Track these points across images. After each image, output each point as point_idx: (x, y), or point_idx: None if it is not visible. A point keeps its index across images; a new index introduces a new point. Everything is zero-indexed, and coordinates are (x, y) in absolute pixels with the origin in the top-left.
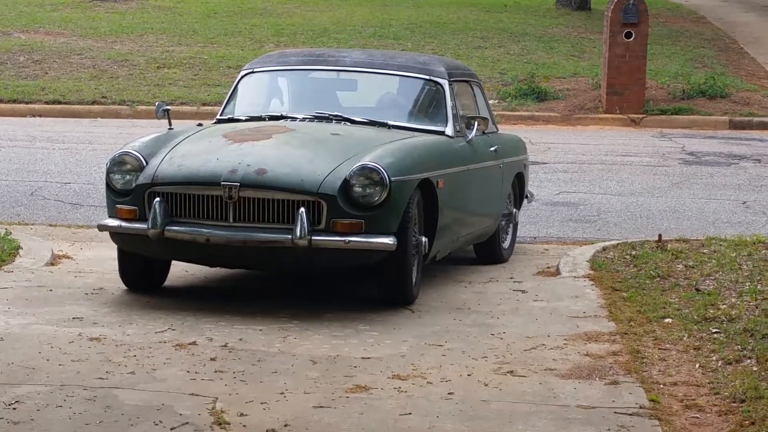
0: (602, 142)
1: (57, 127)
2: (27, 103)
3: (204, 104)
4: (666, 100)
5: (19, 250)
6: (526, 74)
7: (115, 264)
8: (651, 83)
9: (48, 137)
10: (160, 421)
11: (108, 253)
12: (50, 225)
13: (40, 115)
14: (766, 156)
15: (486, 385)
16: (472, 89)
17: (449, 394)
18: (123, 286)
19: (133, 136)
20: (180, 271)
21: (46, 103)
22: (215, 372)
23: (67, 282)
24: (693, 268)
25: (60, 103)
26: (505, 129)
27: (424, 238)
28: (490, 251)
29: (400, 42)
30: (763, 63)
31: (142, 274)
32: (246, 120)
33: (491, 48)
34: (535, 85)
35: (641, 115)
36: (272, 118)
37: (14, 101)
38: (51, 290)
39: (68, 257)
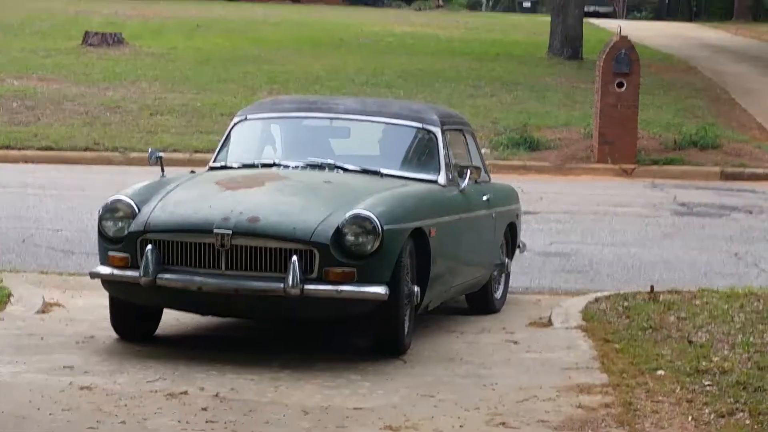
0: (594, 192)
1: (49, 173)
2: (19, 149)
3: (196, 151)
4: (658, 150)
5: (11, 298)
6: (518, 123)
7: (107, 312)
8: (643, 133)
9: (40, 184)
10: None
11: (99, 300)
12: (42, 272)
13: (33, 162)
14: (758, 207)
15: None
16: (465, 138)
17: None
18: (114, 335)
19: (125, 183)
20: (172, 320)
21: (39, 149)
22: (207, 422)
23: (59, 330)
24: (685, 319)
25: (52, 149)
26: (497, 178)
27: (416, 288)
28: (482, 301)
29: (393, 90)
30: (754, 114)
31: (134, 322)
32: (239, 167)
33: (483, 97)
34: (528, 135)
35: (633, 166)
36: (265, 165)
37: (7, 147)
38: (42, 338)
39: (59, 305)
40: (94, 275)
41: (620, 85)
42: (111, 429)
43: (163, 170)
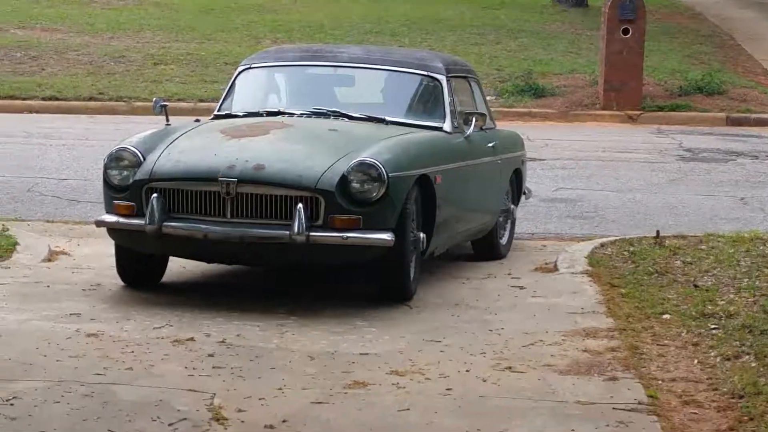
0: (600, 138)
1: (54, 123)
2: (23, 99)
3: (201, 100)
4: (663, 96)
5: (17, 246)
6: (523, 71)
7: (113, 260)
8: (648, 80)
9: (45, 133)
10: (158, 417)
11: (105, 249)
12: (47, 221)
13: (37, 112)
14: (764, 152)
15: (484, 381)
16: (470, 85)
17: (447, 390)
18: (120, 282)
19: (130, 132)
20: (177, 267)
21: (43, 99)
22: (213, 368)
23: (65, 278)
24: (691, 264)
25: (57, 99)
26: (502, 125)
27: (422, 234)
28: (488, 247)
29: (397, 38)
30: (760, 59)
31: (140, 270)
32: (243, 116)
33: (488, 44)
34: (533, 82)
35: (639, 112)
36: (270, 114)
37: (11, 97)
38: (48, 286)
39: (65, 253)
40: (99, 223)
41: (626, 31)
42: (118, 375)
43: (167, 119)
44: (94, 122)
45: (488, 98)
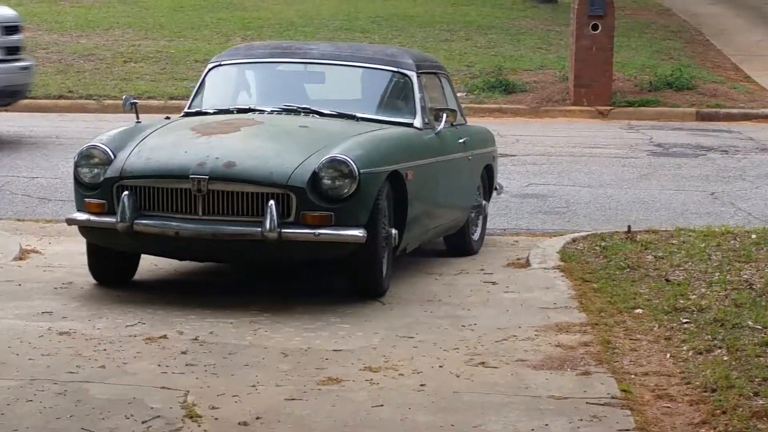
0: (570, 134)
1: (24, 121)
2: None
3: (171, 98)
4: (633, 92)
5: None
6: (493, 67)
7: (84, 258)
8: (618, 75)
9: (14, 132)
10: (132, 415)
11: (76, 247)
12: (18, 220)
13: (7, 110)
14: (734, 147)
15: (458, 376)
16: (440, 81)
17: (421, 385)
18: (92, 280)
19: (100, 130)
20: (149, 265)
21: None
22: (186, 365)
23: (36, 276)
24: (662, 258)
25: (26, 97)
26: (473, 121)
27: (394, 230)
28: (460, 243)
29: (368, 35)
30: (729, 55)
31: (112, 268)
32: (214, 113)
33: (458, 41)
34: (503, 78)
35: (609, 107)
36: (240, 111)
37: None
38: (19, 285)
39: (36, 252)
40: (71, 222)
41: (595, 27)
42: (90, 373)
43: (138, 116)
44: (63, 120)
45: (459, 95)
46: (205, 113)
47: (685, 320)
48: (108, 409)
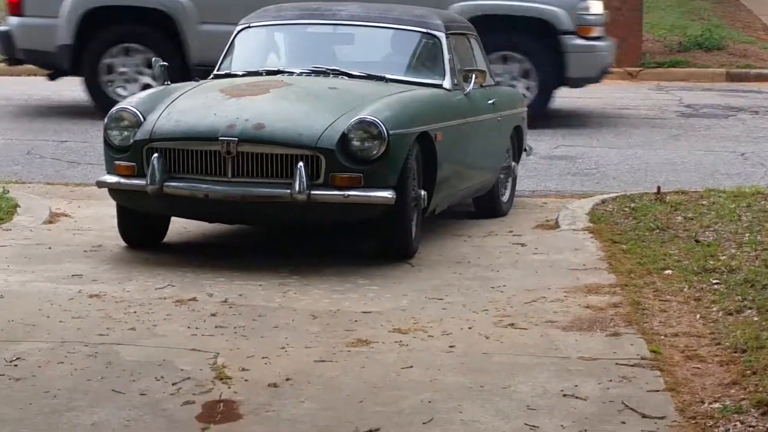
0: (599, 95)
1: (52, 86)
2: None
3: None
4: (663, 53)
5: (17, 209)
6: None
7: (114, 221)
8: (647, 36)
9: (43, 96)
10: (162, 377)
11: (106, 210)
12: (48, 183)
13: (35, 74)
14: (764, 107)
15: (487, 338)
16: (470, 42)
17: (450, 347)
18: (122, 243)
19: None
20: (179, 228)
21: None
22: (216, 327)
23: (66, 239)
24: (692, 219)
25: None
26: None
27: (423, 192)
28: (489, 204)
29: None
30: (759, 15)
31: (141, 231)
32: (243, 75)
33: None
34: None
35: (638, 68)
36: (269, 72)
37: None
38: (50, 248)
39: (66, 215)
40: (100, 184)
41: None
42: (121, 336)
43: (167, 79)
44: None
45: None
46: (234, 75)
47: (714, 281)
48: (138, 371)
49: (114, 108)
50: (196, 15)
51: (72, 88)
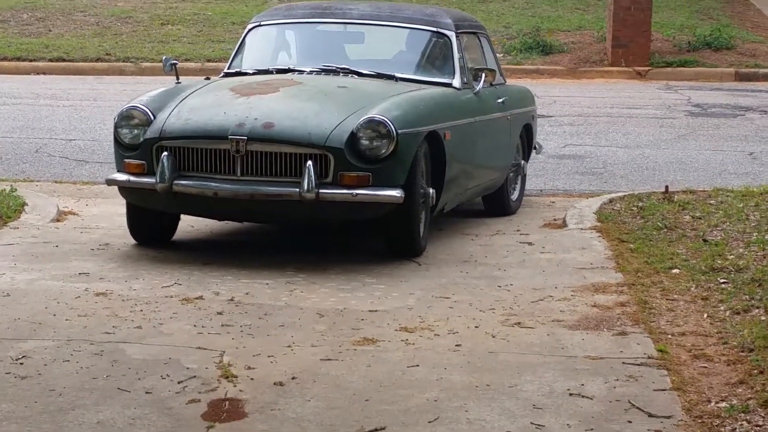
0: (608, 94)
1: (61, 84)
2: (31, 60)
3: (208, 60)
4: (671, 52)
5: (25, 207)
6: (530, 27)
7: (121, 220)
8: (656, 35)
9: (52, 94)
10: (168, 375)
11: (113, 209)
12: (55, 182)
13: (44, 73)
14: None
15: (493, 336)
16: (480, 41)
17: (457, 346)
18: (129, 242)
19: (137, 92)
20: (186, 227)
21: (50, 60)
22: (222, 326)
23: (73, 238)
24: (700, 219)
25: (64, 60)
26: (510, 83)
27: (431, 190)
28: (498, 203)
29: None
30: None
31: (151, 228)
32: (253, 73)
33: (496, 1)
34: (540, 39)
35: (647, 68)
36: (280, 71)
37: (18, 59)
38: (57, 246)
39: (74, 213)
40: (110, 182)
41: None
42: (127, 334)
43: (177, 77)
44: (101, 83)
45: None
46: (245, 73)
47: (722, 280)
48: (144, 369)
49: (124, 106)
50: None
51: (80, 87)
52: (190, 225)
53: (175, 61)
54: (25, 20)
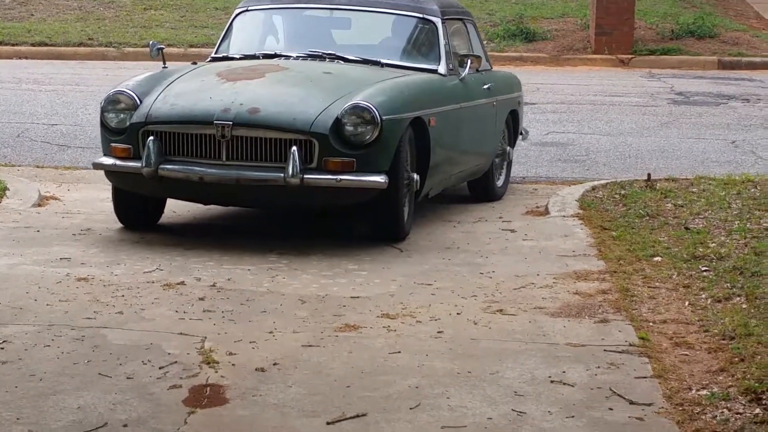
0: (591, 82)
1: (43, 69)
2: (13, 45)
3: (191, 46)
4: (655, 40)
5: (6, 191)
6: (514, 15)
7: (103, 205)
8: (640, 23)
9: (34, 79)
10: (149, 360)
11: (95, 194)
12: (37, 166)
13: (26, 57)
14: (755, 96)
15: (475, 323)
16: (466, 27)
17: (438, 332)
18: (111, 227)
19: (119, 78)
20: (168, 212)
21: (32, 45)
22: (204, 311)
23: (55, 223)
24: (682, 207)
25: (46, 45)
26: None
27: (416, 176)
28: (484, 189)
29: None
30: (751, 3)
31: (137, 212)
32: (240, 58)
33: None
34: (524, 26)
35: (630, 56)
36: (266, 56)
37: (0, 43)
38: (38, 231)
39: (55, 198)
40: (97, 166)
41: None
42: (108, 319)
43: (164, 62)
44: (83, 68)
45: None
46: (232, 58)
47: (704, 268)
48: (125, 354)
49: (111, 90)
50: None
51: (63, 72)
52: (172, 210)
53: (162, 46)
54: (7, 4)
